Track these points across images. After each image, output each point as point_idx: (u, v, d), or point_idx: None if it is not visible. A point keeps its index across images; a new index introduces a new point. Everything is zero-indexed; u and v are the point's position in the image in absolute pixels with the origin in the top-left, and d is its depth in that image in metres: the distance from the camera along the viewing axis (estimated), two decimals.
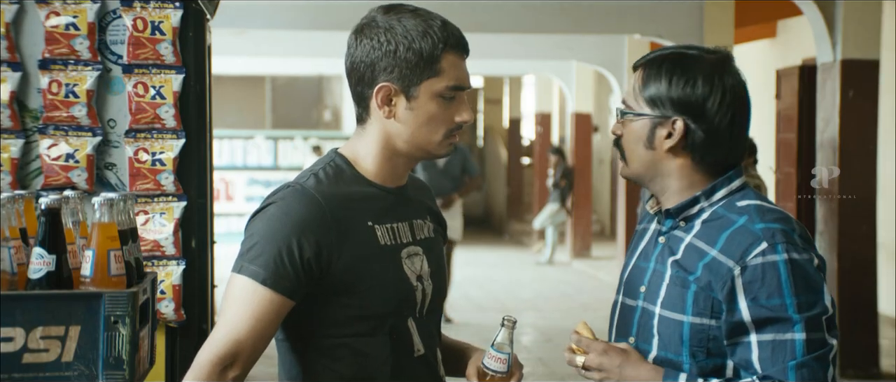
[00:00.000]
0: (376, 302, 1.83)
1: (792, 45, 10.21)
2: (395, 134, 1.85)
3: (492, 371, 1.87)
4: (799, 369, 1.71)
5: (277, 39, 10.52)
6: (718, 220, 1.81)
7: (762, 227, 1.76)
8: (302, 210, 1.78)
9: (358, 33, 1.85)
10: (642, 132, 1.85)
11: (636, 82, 1.87)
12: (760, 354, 1.73)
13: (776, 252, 1.73)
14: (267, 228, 1.78)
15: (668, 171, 1.86)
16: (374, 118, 1.86)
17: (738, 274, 1.74)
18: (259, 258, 1.76)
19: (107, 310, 1.82)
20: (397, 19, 1.83)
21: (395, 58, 1.82)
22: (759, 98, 11.17)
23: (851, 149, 6.61)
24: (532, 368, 7.16)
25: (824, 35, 6.73)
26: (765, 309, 1.72)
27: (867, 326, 6.67)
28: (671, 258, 1.83)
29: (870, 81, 6.67)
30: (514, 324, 1.87)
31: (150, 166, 2.80)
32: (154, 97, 2.80)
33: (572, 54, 11.25)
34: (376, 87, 1.83)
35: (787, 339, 1.71)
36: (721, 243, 1.77)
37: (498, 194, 20.00)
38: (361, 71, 1.84)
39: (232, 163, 16.08)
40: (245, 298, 1.75)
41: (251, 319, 1.74)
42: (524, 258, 14.27)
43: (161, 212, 2.81)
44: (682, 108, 1.82)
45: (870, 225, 6.71)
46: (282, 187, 1.84)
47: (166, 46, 2.80)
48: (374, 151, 1.87)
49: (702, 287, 1.77)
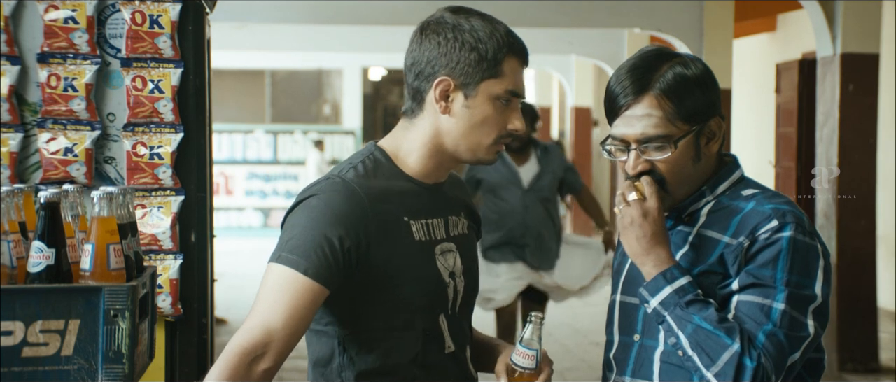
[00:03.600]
0: (409, 298, 1.83)
1: (791, 39, 10.20)
2: (446, 130, 1.85)
3: (520, 368, 1.87)
4: (769, 335, 1.72)
5: (277, 33, 10.51)
6: (725, 209, 1.82)
7: (772, 207, 1.78)
8: (342, 201, 1.78)
9: (424, 29, 1.86)
10: (689, 149, 1.81)
11: (662, 108, 1.80)
12: (738, 308, 1.74)
13: (784, 229, 1.75)
14: (306, 219, 1.77)
15: (701, 173, 1.85)
16: (427, 113, 1.86)
17: (747, 247, 1.76)
18: (298, 248, 1.75)
19: (106, 304, 1.82)
20: (465, 18, 1.86)
21: (459, 54, 1.83)
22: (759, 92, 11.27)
23: (851, 143, 6.61)
24: None
25: (824, 29, 6.72)
26: (753, 276, 1.74)
27: (866, 320, 6.68)
28: (677, 253, 1.84)
29: (869, 75, 6.67)
30: (541, 321, 1.88)
31: (148, 160, 2.80)
32: (152, 91, 2.80)
33: (572, 48, 11.24)
34: (436, 81, 1.84)
35: (766, 304, 1.73)
36: (732, 228, 1.79)
37: None
38: (423, 65, 1.85)
39: (231, 158, 16.08)
40: (281, 287, 1.73)
41: (287, 308, 1.72)
42: None
43: (159, 206, 2.80)
44: (715, 104, 1.84)
45: (869, 219, 6.71)
46: (321, 179, 1.85)
47: (165, 40, 2.80)
48: (419, 146, 1.87)
49: (706, 274, 1.78)
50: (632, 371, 1.86)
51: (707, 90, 1.82)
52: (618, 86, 1.83)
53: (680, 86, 1.80)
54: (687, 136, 1.81)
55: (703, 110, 1.81)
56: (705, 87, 1.82)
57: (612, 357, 1.92)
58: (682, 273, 1.77)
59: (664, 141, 1.80)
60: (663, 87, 1.80)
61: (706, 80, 1.83)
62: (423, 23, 1.88)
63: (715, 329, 1.72)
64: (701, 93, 1.81)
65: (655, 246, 1.78)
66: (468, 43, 1.83)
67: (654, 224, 1.78)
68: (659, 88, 1.80)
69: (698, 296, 1.75)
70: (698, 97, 1.80)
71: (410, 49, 1.87)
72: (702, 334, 1.73)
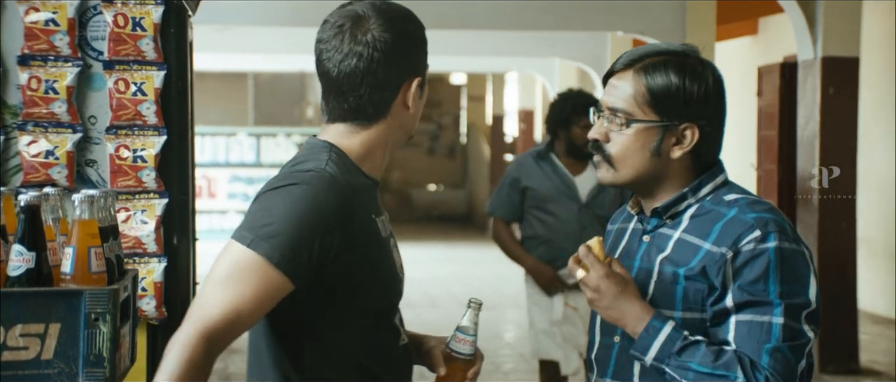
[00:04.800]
0: (380, 293, 1.82)
1: (773, 43, 10.25)
2: (405, 124, 1.83)
3: (460, 354, 1.87)
4: (773, 353, 1.71)
5: (260, 36, 10.48)
6: (708, 214, 1.81)
7: (755, 217, 1.76)
8: (330, 198, 1.70)
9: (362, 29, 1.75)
10: (649, 140, 1.80)
11: (632, 86, 1.80)
12: (737, 333, 1.73)
13: (768, 240, 1.73)
14: (291, 210, 1.67)
15: (669, 175, 1.84)
16: (391, 115, 1.79)
17: (730, 259, 1.74)
18: (276, 238, 1.65)
19: (87, 308, 1.81)
20: (391, 6, 1.80)
21: (420, 46, 1.81)
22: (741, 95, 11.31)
23: (832, 146, 6.65)
24: (515, 364, 7.17)
25: (805, 32, 6.77)
26: (747, 293, 1.73)
27: (847, 321, 6.72)
28: (660, 255, 1.83)
29: (850, 78, 6.72)
30: (479, 306, 1.87)
31: (132, 163, 2.79)
32: (135, 94, 2.79)
33: (555, 51, 11.26)
34: (409, 80, 1.79)
35: (765, 321, 1.72)
36: (714, 235, 1.77)
37: (481, 191, 20.01)
38: (390, 64, 1.76)
39: (214, 160, 16.02)
40: (253, 277, 1.64)
41: (256, 299, 1.64)
42: None
43: (142, 210, 2.79)
44: (695, 111, 1.79)
45: (850, 221, 6.76)
46: (301, 169, 1.74)
47: (147, 43, 2.79)
48: (379, 146, 1.82)
49: (692, 278, 1.77)
50: (612, 373, 1.87)
51: (690, 93, 1.79)
52: (619, 58, 1.85)
53: (661, 75, 1.79)
54: (648, 125, 1.80)
55: (676, 109, 1.79)
56: (690, 90, 1.79)
57: (593, 358, 1.93)
58: (663, 321, 1.76)
59: (623, 116, 1.80)
60: (646, 69, 1.80)
61: (697, 85, 1.79)
62: (351, 22, 1.75)
63: (713, 370, 1.71)
64: (681, 91, 1.79)
65: (624, 305, 1.76)
66: (418, 37, 1.80)
67: (610, 287, 1.77)
68: (642, 68, 1.81)
69: (686, 339, 1.74)
70: (676, 94, 1.79)
71: (358, 51, 1.74)
72: (703, 380, 1.72)
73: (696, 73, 1.80)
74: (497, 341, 7.93)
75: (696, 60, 1.83)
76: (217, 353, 1.65)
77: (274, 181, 1.75)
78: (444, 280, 11.36)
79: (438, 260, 13.34)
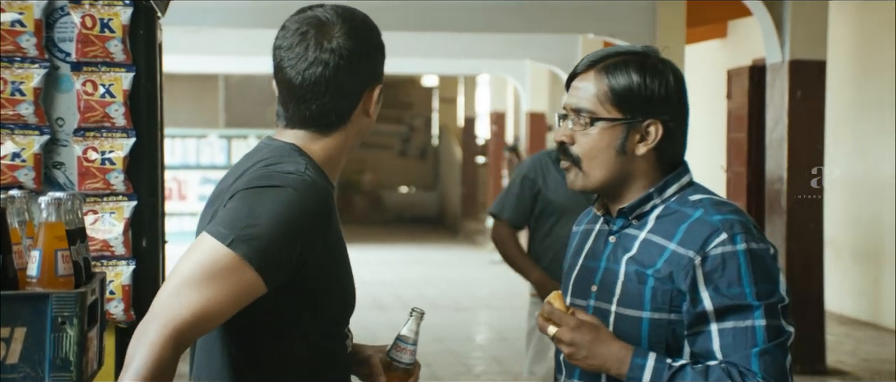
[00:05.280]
0: (344, 302, 1.80)
1: (742, 46, 10.34)
2: (362, 131, 1.82)
3: (400, 363, 1.86)
4: (761, 356, 1.73)
5: (231, 38, 10.44)
6: (673, 215, 1.82)
7: (720, 219, 1.77)
8: (314, 206, 1.66)
9: (327, 36, 1.74)
10: (614, 139, 1.81)
11: (595, 86, 1.82)
12: (722, 342, 1.74)
13: (735, 242, 1.75)
14: (276, 213, 1.62)
15: (634, 174, 1.85)
16: (352, 120, 1.78)
17: (698, 264, 1.75)
18: (258, 241, 1.60)
19: (54, 311, 1.79)
20: (354, 13, 1.79)
21: (381, 54, 1.80)
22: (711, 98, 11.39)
23: (800, 149, 6.72)
24: (487, 366, 7.18)
25: (773, 36, 6.83)
26: (725, 298, 1.74)
27: (814, 322, 6.79)
28: (626, 256, 1.83)
29: (817, 81, 6.79)
30: (422, 316, 1.87)
31: (100, 165, 2.77)
32: (104, 95, 2.77)
33: (526, 53, 11.30)
34: (371, 88, 1.78)
35: (748, 326, 1.73)
36: (679, 236, 1.78)
37: (452, 193, 20.03)
38: (354, 73, 1.74)
39: (185, 162, 15.93)
40: (230, 278, 1.58)
41: (229, 301, 1.58)
42: (478, 257, 14.30)
43: (111, 212, 2.77)
44: (656, 109, 1.81)
45: (817, 223, 6.82)
46: (281, 171, 1.69)
47: (116, 44, 2.77)
48: (341, 153, 1.80)
49: (661, 280, 1.78)
50: (579, 374, 1.87)
51: (652, 90, 1.80)
52: (581, 60, 1.87)
53: (622, 73, 1.81)
54: (611, 123, 1.81)
55: (638, 105, 1.81)
56: (652, 87, 1.80)
57: (562, 359, 1.94)
58: (643, 356, 1.76)
59: (587, 116, 1.82)
60: (607, 68, 1.82)
61: (658, 82, 1.81)
62: (315, 28, 1.73)
63: None
64: (643, 88, 1.80)
65: (602, 350, 1.77)
66: (378, 44, 1.80)
67: (584, 337, 1.77)
68: (603, 68, 1.83)
69: (672, 367, 1.75)
70: (638, 91, 1.80)
71: (320, 60, 1.72)
72: None
73: (657, 71, 1.83)
74: (469, 343, 7.94)
75: (656, 59, 1.85)
76: (183, 351, 1.61)
77: (253, 180, 1.69)
78: (415, 282, 11.36)
79: (409, 262, 13.34)
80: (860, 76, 8.78)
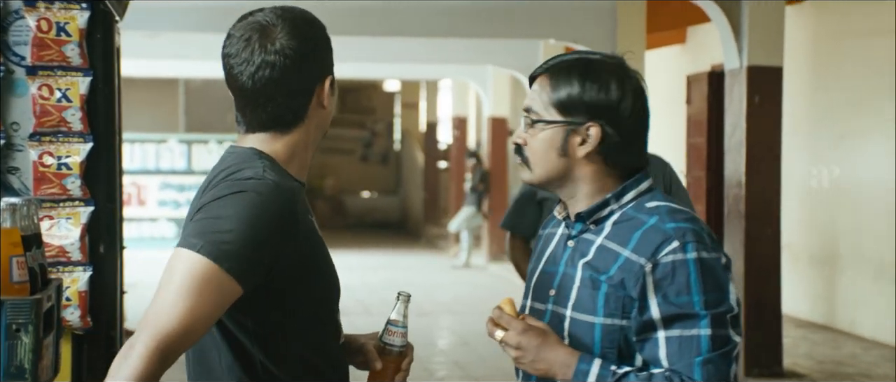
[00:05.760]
0: (326, 292, 1.83)
1: (701, 52, 10.45)
2: (321, 124, 1.85)
3: (394, 346, 1.90)
4: (704, 365, 1.73)
5: (190, 42, 10.37)
6: (629, 221, 1.83)
7: (673, 227, 1.78)
8: (277, 205, 1.69)
9: (270, 38, 1.77)
10: (555, 140, 1.85)
11: (543, 90, 1.87)
12: (668, 350, 1.75)
13: (686, 250, 1.75)
14: (242, 216, 1.65)
15: (580, 177, 1.87)
16: (310, 116, 1.81)
17: (649, 271, 1.76)
18: (229, 245, 1.62)
19: (8, 318, 1.77)
20: (293, 11, 1.82)
21: (327, 46, 1.83)
22: (670, 103, 11.48)
23: (758, 153, 6.80)
24: (449, 371, 7.19)
25: (731, 41, 6.91)
26: (673, 306, 1.75)
27: (771, 326, 6.87)
28: (582, 260, 1.85)
29: (774, 87, 6.88)
30: (408, 298, 1.90)
31: (56, 170, 2.74)
32: (60, 100, 2.74)
33: (488, 58, 11.34)
34: (322, 81, 1.81)
35: (693, 335, 1.74)
36: (633, 243, 1.79)
37: (414, 198, 20.03)
38: (302, 69, 1.77)
39: (144, 167, 15.79)
40: (208, 286, 1.61)
41: (212, 309, 1.61)
42: (440, 262, 14.31)
43: (67, 217, 2.74)
44: (596, 113, 1.83)
45: (774, 227, 6.90)
46: (241, 177, 1.71)
47: (73, 48, 2.74)
48: (303, 149, 1.83)
49: (614, 286, 1.79)
50: (537, 377, 1.88)
51: (590, 94, 1.83)
52: (539, 65, 1.91)
53: (563, 77, 1.85)
54: (552, 125, 1.85)
55: (576, 109, 1.84)
56: (590, 92, 1.83)
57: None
58: (588, 362, 1.78)
59: (537, 120, 1.86)
60: (553, 72, 1.87)
61: (598, 87, 1.83)
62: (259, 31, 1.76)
63: None
64: (582, 92, 1.83)
65: (548, 355, 1.79)
66: (323, 37, 1.83)
67: (530, 341, 1.79)
68: (550, 72, 1.87)
69: (616, 374, 1.76)
70: (576, 95, 1.84)
71: (269, 59, 1.75)
72: None
73: (599, 76, 1.85)
74: (430, 348, 7.94)
75: (603, 65, 1.87)
76: (170, 365, 1.62)
77: (216, 191, 1.70)
78: (378, 287, 11.34)
79: (372, 267, 13.31)
80: (816, 82, 8.91)
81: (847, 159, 8.39)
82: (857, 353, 7.56)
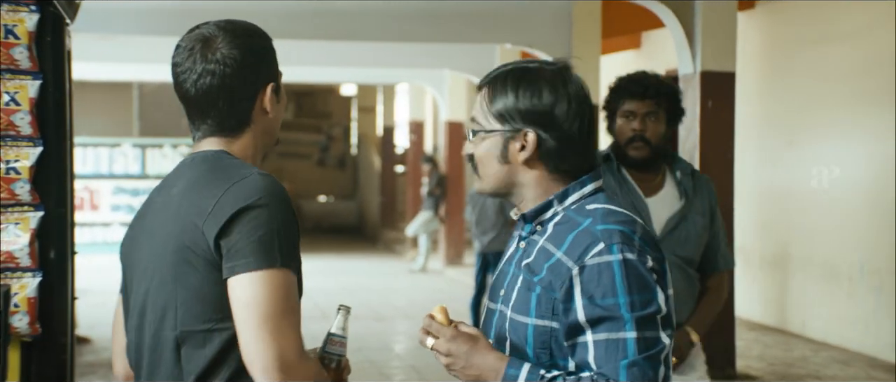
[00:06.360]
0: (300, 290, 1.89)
1: (656, 57, 10.55)
2: (267, 128, 1.94)
3: (337, 356, 1.94)
4: (630, 368, 1.73)
5: (144, 45, 10.27)
6: (567, 223, 1.86)
7: (602, 229, 1.80)
8: (284, 191, 1.84)
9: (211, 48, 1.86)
10: (495, 148, 1.90)
11: (483, 100, 1.92)
12: (595, 353, 1.76)
13: (611, 252, 1.77)
14: (284, 215, 1.80)
15: (525, 182, 1.91)
16: (254, 121, 1.91)
17: (576, 274, 1.78)
18: (288, 246, 1.78)
19: None
20: (236, 23, 1.91)
21: (268, 55, 1.92)
22: None
23: (711, 158, 6.88)
24: (405, 375, 7.18)
25: (685, 47, 6.98)
26: (599, 308, 1.76)
27: (724, 329, 6.94)
28: (524, 261, 1.88)
29: (727, 92, 6.96)
30: (349, 311, 1.96)
31: (4, 175, 2.70)
32: (8, 103, 2.70)
33: (444, 63, 11.35)
34: (263, 88, 1.90)
35: (620, 338, 1.74)
36: (566, 245, 1.82)
37: (371, 202, 19.98)
38: (242, 77, 1.87)
39: (97, 172, 15.58)
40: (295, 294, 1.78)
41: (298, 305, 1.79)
42: (397, 266, 14.29)
43: (15, 223, 2.70)
44: (531, 120, 1.87)
45: (727, 230, 6.97)
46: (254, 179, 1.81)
47: (21, 51, 2.71)
48: (252, 152, 1.92)
49: (545, 288, 1.82)
50: None
51: (523, 102, 1.88)
52: None
53: (500, 86, 1.90)
54: (490, 133, 1.90)
55: (512, 116, 1.88)
56: (523, 99, 1.88)
57: None
58: (517, 367, 1.80)
59: (476, 129, 1.92)
60: (491, 81, 1.92)
61: (531, 94, 1.87)
62: (202, 42, 1.87)
63: None
64: (516, 100, 1.88)
65: (477, 361, 1.81)
66: (267, 43, 1.92)
67: (460, 347, 1.82)
68: (489, 81, 1.92)
69: (544, 378, 1.78)
70: (510, 103, 1.89)
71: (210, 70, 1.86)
72: None
73: (533, 84, 1.89)
74: (387, 352, 7.92)
75: (539, 73, 1.91)
76: None
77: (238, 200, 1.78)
78: (334, 291, 11.30)
79: (328, 271, 13.27)
80: (767, 87, 9.03)
81: (798, 163, 8.51)
82: (808, 355, 7.68)
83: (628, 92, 3.31)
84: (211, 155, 1.89)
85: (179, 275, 1.77)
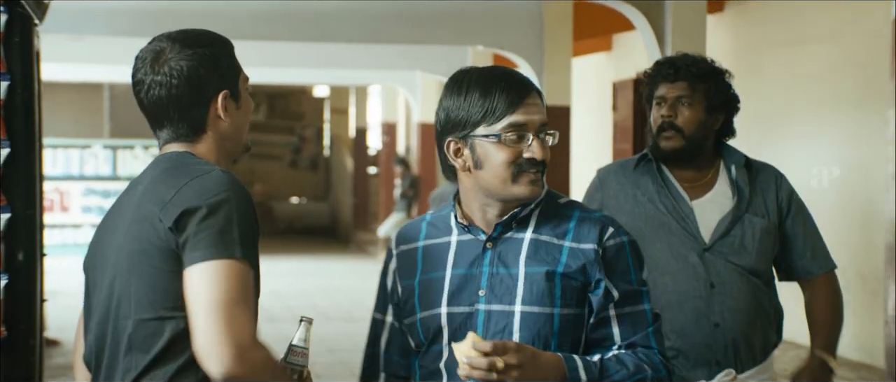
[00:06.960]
0: None
1: (626, 59, 10.61)
2: (227, 134, 1.96)
3: (296, 366, 1.95)
4: (655, 334, 1.95)
5: (115, 46, 10.19)
6: (553, 216, 1.97)
7: (600, 216, 1.99)
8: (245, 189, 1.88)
9: (160, 61, 1.90)
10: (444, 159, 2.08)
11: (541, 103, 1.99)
12: (621, 328, 1.93)
13: (621, 234, 1.96)
14: (243, 209, 1.83)
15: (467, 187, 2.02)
16: (210, 128, 1.94)
17: (600, 256, 1.92)
18: (248, 239, 1.80)
19: None
20: (190, 33, 1.94)
21: (223, 64, 1.94)
22: (597, 109, 11.64)
23: None
24: None
25: (655, 49, 7.03)
26: (623, 284, 1.93)
27: None
28: (520, 257, 1.93)
29: None
30: (310, 322, 1.98)
31: None
32: None
33: (417, 64, 11.35)
34: (215, 96, 1.93)
35: (640, 310, 1.94)
36: (571, 233, 1.94)
37: (344, 204, 19.95)
38: (189, 88, 1.91)
39: (67, 173, 15.46)
40: (251, 285, 1.79)
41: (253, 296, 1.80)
42: (370, 267, 14.27)
43: None
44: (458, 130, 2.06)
45: None
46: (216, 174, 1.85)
47: None
48: (217, 156, 1.96)
49: (569, 276, 1.91)
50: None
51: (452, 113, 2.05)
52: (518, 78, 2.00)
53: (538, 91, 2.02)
54: (441, 146, 2.09)
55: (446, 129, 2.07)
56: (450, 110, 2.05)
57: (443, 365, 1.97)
58: (571, 358, 1.87)
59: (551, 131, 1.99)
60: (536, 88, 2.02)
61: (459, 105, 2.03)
62: (153, 55, 1.92)
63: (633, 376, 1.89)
64: (448, 113, 2.06)
65: (542, 363, 1.84)
66: (223, 50, 1.95)
67: (525, 354, 1.82)
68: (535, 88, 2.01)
69: (592, 360, 1.88)
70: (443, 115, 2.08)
71: (161, 80, 1.90)
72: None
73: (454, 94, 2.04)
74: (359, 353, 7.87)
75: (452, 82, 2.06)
76: None
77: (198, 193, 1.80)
78: (307, 293, 11.27)
79: (301, 273, 13.23)
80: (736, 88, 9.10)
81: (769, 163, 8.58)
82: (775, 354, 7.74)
83: (660, 76, 2.82)
84: (175, 155, 1.93)
85: (134, 265, 1.80)
